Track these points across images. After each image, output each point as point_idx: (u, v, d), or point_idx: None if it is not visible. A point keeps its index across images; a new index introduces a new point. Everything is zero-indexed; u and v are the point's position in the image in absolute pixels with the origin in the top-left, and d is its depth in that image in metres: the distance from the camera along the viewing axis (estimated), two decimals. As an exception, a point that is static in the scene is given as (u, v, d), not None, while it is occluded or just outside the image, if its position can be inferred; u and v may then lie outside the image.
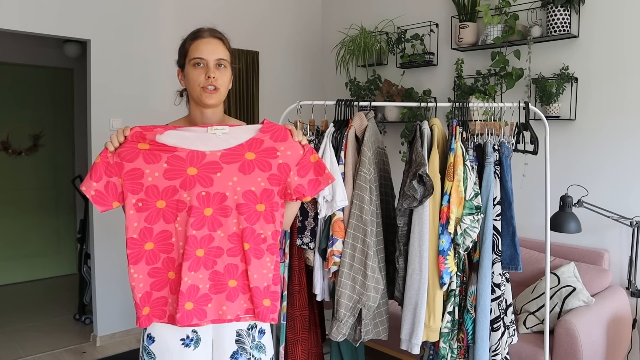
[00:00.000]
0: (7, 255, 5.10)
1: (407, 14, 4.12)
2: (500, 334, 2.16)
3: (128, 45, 3.73)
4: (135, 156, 1.42)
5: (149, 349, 1.50)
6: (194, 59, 1.54)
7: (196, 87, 1.55)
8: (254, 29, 4.35)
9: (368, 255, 2.07)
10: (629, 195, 3.02)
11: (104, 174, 1.40)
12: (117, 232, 3.77)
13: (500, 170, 2.14)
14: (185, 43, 1.59)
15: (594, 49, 3.13)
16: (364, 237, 2.08)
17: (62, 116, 5.36)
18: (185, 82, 1.60)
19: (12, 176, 5.08)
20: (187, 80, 1.57)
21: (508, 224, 2.13)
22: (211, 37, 1.56)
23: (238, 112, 4.31)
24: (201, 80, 1.53)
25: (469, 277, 2.18)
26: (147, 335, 1.51)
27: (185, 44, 1.59)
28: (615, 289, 2.91)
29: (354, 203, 2.10)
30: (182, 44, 1.60)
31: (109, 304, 3.74)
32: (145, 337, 1.51)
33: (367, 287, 2.07)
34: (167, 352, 1.49)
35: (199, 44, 1.55)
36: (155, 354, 1.49)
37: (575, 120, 3.22)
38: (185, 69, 1.58)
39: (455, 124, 2.12)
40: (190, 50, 1.56)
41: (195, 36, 1.57)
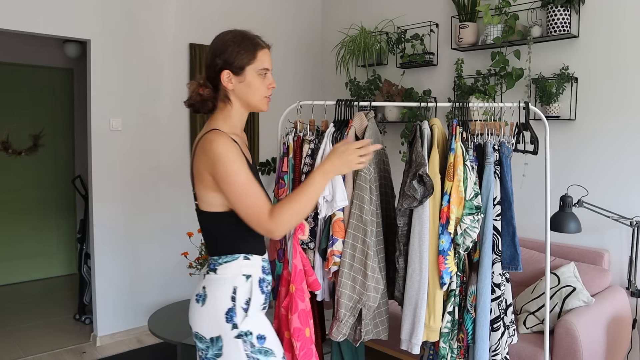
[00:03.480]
0: (7, 255, 5.10)
1: (407, 14, 4.12)
2: (500, 334, 2.16)
3: (128, 45, 3.73)
4: None
5: (265, 348, 1.55)
6: (263, 69, 1.59)
7: (259, 95, 1.60)
8: (254, 29, 4.34)
9: (368, 255, 2.07)
10: (629, 195, 3.02)
11: None
12: (117, 232, 3.77)
13: (500, 170, 2.14)
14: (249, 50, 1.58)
15: (594, 49, 3.13)
16: (364, 237, 2.08)
17: (62, 116, 5.36)
18: (243, 89, 1.59)
19: (12, 176, 5.08)
20: (250, 88, 1.58)
21: (508, 224, 2.13)
22: (268, 48, 1.63)
23: (238, 112, 4.31)
24: (265, 90, 1.60)
25: (469, 277, 2.18)
26: (258, 337, 1.54)
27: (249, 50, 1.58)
28: (615, 289, 2.91)
29: (354, 203, 2.10)
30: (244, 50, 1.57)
31: (109, 304, 3.74)
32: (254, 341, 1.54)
33: (367, 287, 2.07)
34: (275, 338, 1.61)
35: (265, 55, 1.60)
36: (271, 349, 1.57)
37: (575, 120, 3.22)
38: (246, 76, 1.57)
39: (455, 124, 2.11)
40: (259, 60, 1.58)
41: (260, 45, 1.61)
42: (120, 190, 3.77)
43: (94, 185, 3.65)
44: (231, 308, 1.53)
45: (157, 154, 3.95)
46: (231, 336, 1.52)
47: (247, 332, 1.53)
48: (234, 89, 1.58)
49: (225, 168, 1.46)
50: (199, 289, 1.59)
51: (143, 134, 3.86)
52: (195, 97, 1.61)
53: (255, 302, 1.57)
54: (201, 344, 1.57)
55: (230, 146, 1.48)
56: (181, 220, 4.09)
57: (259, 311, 1.60)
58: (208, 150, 1.48)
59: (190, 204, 4.13)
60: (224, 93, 1.60)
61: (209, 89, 1.60)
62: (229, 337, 1.53)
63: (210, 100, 1.61)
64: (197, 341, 1.59)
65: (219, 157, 1.46)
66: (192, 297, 1.61)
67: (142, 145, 3.87)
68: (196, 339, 1.59)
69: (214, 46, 1.60)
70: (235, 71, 1.56)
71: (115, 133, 3.72)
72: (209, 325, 1.54)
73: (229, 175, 1.46)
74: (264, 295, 1.61)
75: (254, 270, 1.60)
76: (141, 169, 3.87)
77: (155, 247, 3.97)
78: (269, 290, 1.66)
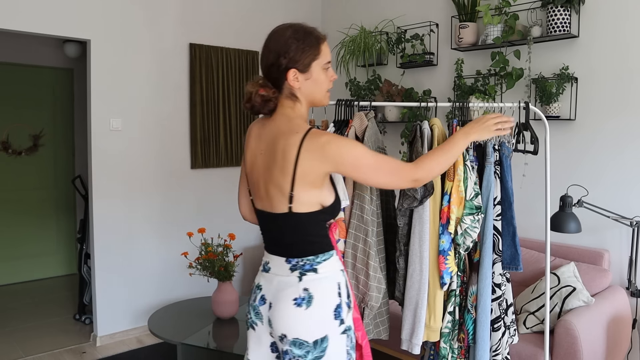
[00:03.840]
0: (7, 255, 5.10)
1: (407, 14, 4.12)
2: (500, 334, 2.16)
3: (128, 45, 3.73)
4: None
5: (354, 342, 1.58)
6: (327, 63, 1.56)
7: (324, 89, 1.59)
8: (254, 29, 4.36)
9: (370, 255, 2.07)
10: (629, 195, 3.02)
11: None
12: (117, 232, 3.77)
13: (501, 170, 2.14)
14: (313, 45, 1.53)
15: (594, 49, 3.13)
16: (365, 237, 2.08)
17: (62, 116, 5.36)
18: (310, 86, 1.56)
19: (12, 176, 5.08)
20: (316, 84, 1.56)
21: (508, 224, 2.13)
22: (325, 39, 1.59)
23: (238, 113, 4.32)
24: (328, 83, 1.59)
25: (469, 277, 2.18)
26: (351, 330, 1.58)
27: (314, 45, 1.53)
28: (615, 289, 2.91)
29: (354, 203, 2.10)
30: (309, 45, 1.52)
31: (109, 304, 3.74)
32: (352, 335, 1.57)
33: (369, 287, 2.07)
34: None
35: (326, 47, 1.57)
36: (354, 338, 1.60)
37: (575, 120, 3.23)
38: (312, 72, 1.54)
39: (455, 123, 2.12)
40: (323, 54, 1.54)
41: (322, 37, 1.56)
42: (120, 190, 3.77)
43: (94, 185, 3.65)
44: (339, 304, 1.52)
45: (157, 154, 3.95)
46: (338, 333, 1.51)
47: (349, 326, 1.55)
48: (301, 87, 1.54)
49: (352, 155, 1.48)
50: (296, 293, 1.51)
51: (143, 134, 3.86)
52: (256, 98, 1.55)
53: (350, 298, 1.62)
54: (299, 350, 1.49)
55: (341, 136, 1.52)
56: (181, 220, 4.09)
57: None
58: (327, 150, 1.46)
59: (190, 204, 4.14)
60: (290, 91, 1.55)
61: (271, 89, 1.56)
62: (335, 334, 1.50)
63: (272, 100, 1.56)
64: (294, 348, 1.49)
65: (336, 148, 1.46)
66: (287, 303, 1.51)
67: (142, 145, 3.87)
68: (292, 346, 1.49)
69: (274, 46, 1.52)
70: (301, 69, 1.52)
71: (115, 133, 3.72)
72: (315, 327, 1.49)
73: (358, 159, 1.49)
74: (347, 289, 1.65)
75: (341, 265, 1.64)
76: (141, 169, 3.87)
77: (155, 247, 3.97)
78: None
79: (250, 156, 1.64)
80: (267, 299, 1.57)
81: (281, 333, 1.51)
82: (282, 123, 1.55)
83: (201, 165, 4.15)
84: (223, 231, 4.09)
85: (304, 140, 1.48)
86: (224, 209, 4.33)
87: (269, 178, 1.53)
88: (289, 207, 1.51)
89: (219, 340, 2.93)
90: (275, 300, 1.54)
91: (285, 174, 1.49)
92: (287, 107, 1.57)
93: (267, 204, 1.57)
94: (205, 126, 4.13)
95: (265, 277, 1.60)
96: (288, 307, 1.51)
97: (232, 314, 3.08)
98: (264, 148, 1.57)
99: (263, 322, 1.58)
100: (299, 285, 1.52)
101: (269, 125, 1.58)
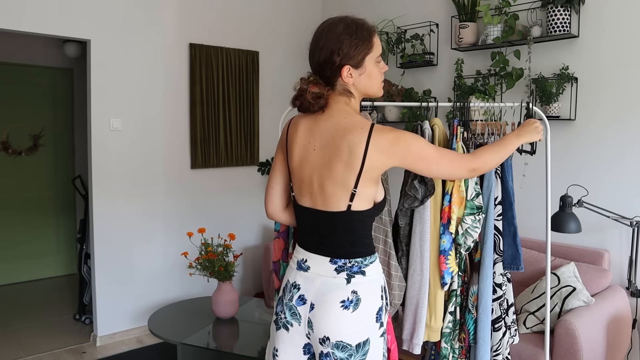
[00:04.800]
0: (7, 255, 5.10)
1: (407, 14, 4.12)
2: (501, 334, 2.16)
3: (128, 45, 3.73)
4: None
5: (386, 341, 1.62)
6: (379, 56, 1.57)
7: (378, 82, 1.59)
8: (254, 29, 4.35)
9: (390, 255, 2.07)
10: (629, 195, 3.02)
11: None
12: (117, 232, 3.77)
13: (501, 170, 2.14)
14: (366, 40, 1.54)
15: (594, 49, 3.14)
16: (385, 238, 2.08)
17: (62, 116, 5.35)
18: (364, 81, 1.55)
19: (12, 176, 5.08)
20: (369, 78, 1.56)
21: (509, 224, 2.13)
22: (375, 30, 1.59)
23: (238, 112, 4.32)
24: (381, 75, 1.60)
25: (470, 277, 2.18)
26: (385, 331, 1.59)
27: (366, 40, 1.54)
28: (615, 289, 2.92)
29: (374, 204, 2.10)
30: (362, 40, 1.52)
31: (109, 304, 3.74)
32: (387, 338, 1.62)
33: (392, 286, 2.07)
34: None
35: (377, 39, 1.58)
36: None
37: (575, 120, 3.23)
38: (366, 67, 1.54)
39: (456, 123, 2.12)
40: (375, 47, 1.55)
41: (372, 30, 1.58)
42: (120, 190, 3.77)
43: (94, 185, 3.65)
44: (381, 307, 1.52)
45: (157, 154, 3.95)
46: (378, 335, 1.50)
47: (385, 330, 1.55)
48: (355, 82, 1.53)
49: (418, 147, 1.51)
50: (344, 295, 1.48)
51: (143, 134, 3.86)
52: (308, 95, 1.52)
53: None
54: (342, 353, 1.47)
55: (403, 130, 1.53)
56: (181, 220, 4.09)
57: None
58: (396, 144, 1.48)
59: (189, 204, 4.14)
60: (343, 87, 1.54)
61: (323, 86, 1.54)
62: (376, 337, 1.50)
63: (323, 97, 1.53)
64: (337, 351, 1.47)
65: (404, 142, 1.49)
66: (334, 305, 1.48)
67: (142, 145, 3.86)
68: (335, 349, 1.47)
69: (326, 42, 1.52)
70: (355, 64, 1.51)
71: (115, 133, 3.72)
72: (359, 330, 1.48)
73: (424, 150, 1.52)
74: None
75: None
76: (141, 169, 3.87)
77: (155, 247, 3.97)
78: None
79: (299, 151, 1.57)
80: (307, 299, 1.52)
81: (324, 335, 1.48)
82: (341, 119, 1.51)
83: (201, 165, 4.15)
84: (223, 231, 4.09)
85: (372, 136, 1.47)
86: (224, 209, 4.33)
87: (328, 174, 1.49)
88: (348, 205, 1.49)
89: (219, 340, 2.93)
90: (319, 302, 1.50)
91: (351, 169, 1.46)
92: (342, 102, 1.55)
93: (320, 201, 1.53)
94: (205, 126, 4.13)
95: (305, 277, 1.55)
96: (334, 310, 1.48)
97: (232, 314, 3.08)
98: (321, 143, 1.52)
99: (300, 323, 1.54)
100: (347, 287, 1.49)
101: (323, 121, 1.54)
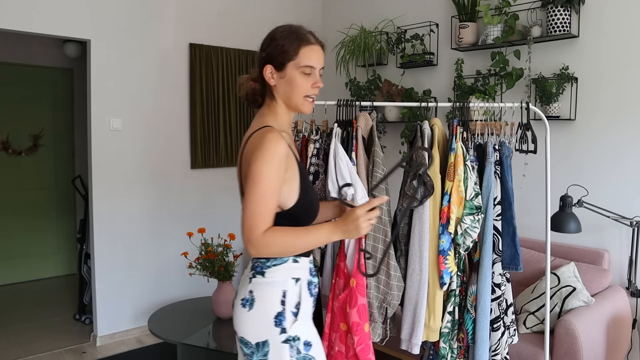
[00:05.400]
0: (7, 255, 5.10)
1: (407, 14, 4.12)
2: (500, 334, 2.16)
3: (128, 45, 3.73)
4: None
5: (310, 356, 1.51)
6: (306, 67, 1.51)
7: (300, 95, 1.53)
8: (254, 29, 4.35)
9: (389, 254, 2.07)
10: (629, 195, 3.02)
11: None
12: (117, 232, 3.77)
13: (501, 170, 2.14)
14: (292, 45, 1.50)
15: (594, 49, 3.13)
16: (384, 238, 2.08)
17: (62, 116, 5.36)
18: (284, 86, 1.53)
19: (12, 176, 5.08)
20: (291, 86, 1.52)
21: (508, 224, 2.13)
22: (319, 45, 1.54)
23: (238, 112, 4.32)
24: (307, 89, 1.53)
25: (469, 277, 2.18)
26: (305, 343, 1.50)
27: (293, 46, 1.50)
28: (615, 289, 2.91)
29: (373, 204, 2.10)
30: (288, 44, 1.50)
31: (109, 304, 3.74)
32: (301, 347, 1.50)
33: (391, 286, 2.07)
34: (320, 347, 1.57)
35: (311, 52, 1.51)
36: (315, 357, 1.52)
37: (575, 120, 3.23)
38: (287, 72, 1.51)
39: (455, 123, 2.12)
40: (301, 56, 1.50)
41: (306, 41, 1.52)
42: (120, 190, 3.77)
43: (94, 185, 3.65)
44: (281, 312, 1.49)
45: (157, 154, 3.95)
46: (279, 341, 1.49)
47: (295, 337, 1.50)
48: (276, 85, 1.54)
49: (260, 167, 1.40)
50: (244, 293, 1.54)
51: (143, 134, 3.86)
52: (248, 90, 1.58)
53: (305, 306, 1.55)
54: (246, 349, 1.53)
55: (279, 149, 1.42)
56: (181, 220, 4.09)
57: (308, 316, 1.57)
58: (259, 146, 1.43)
59: (190, 204, 4.14)
60: (269, 89, 1.56)
61: (258, 83, 1.57)
62: (276, 342, 1.49)
63: (259, 94, 1.58)
64: (242, 346, 1.54)
65: (263, 155, 1.41)
66: (237, 302, 1.56)
67: (142, 145, 3.87)
68: (241, 344, 1.54)
69: (264, 39, 1.56)
70: (276, 66, 1.52)
71: (115, 133, 3.72)
72: (256, 330, 1.50)
73: (259, 176, 1.41)
74: (312, 298, 1.59)
75: (303, 273, 1.57)
76: (141, 169, 3.87)
77: (155, 247, 3.97)
78: (316, 293, 1.64)
79: None
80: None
81: (234, 329, 1.56)
82: (254, 120, 1.58)
83: (201, 165, 4.15)
84: (223, 231, 4.09)
85: (248, 141, 1.49)
86: (224, 209, 4.33)
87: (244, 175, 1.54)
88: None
89: (219, 340, 2.93)
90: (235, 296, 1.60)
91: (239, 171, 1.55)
92: (266, 105, 1.59)
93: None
94: (205, 126, 4.13)
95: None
96: (237, 306, 1.55)
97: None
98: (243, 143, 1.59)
99: None
100: (248, 286, 1.54)
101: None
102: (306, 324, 1.54)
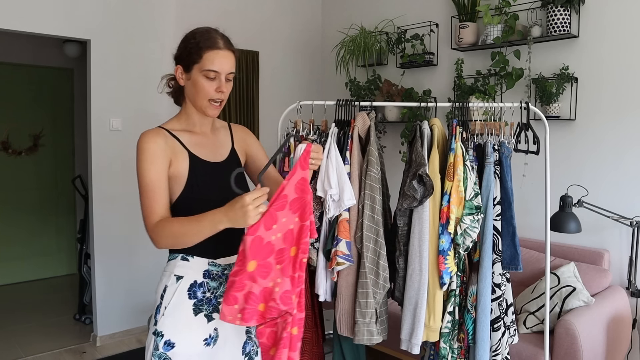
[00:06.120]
0: (8, 255, 5.10)
1: (407, 14, 4.12)
2: (500, 334, 2.16)
3: (128, 45, 3.73)
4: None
5: (166, 356, 1.48)
6: (208, 71, 1.50)
7: (204, 98, 1.54)
8: (254, 29, 4.35)
9: (380, 254, 2.07)
10: (629, 195, 3.02)
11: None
12: (117, 232, 3.77)
13: (500, 170, 2.14)
14: (198, 47, 1.51)
15: (594, 49, 3.13)
16: (376, 237, 2.08)
17: (62, 116, 5.36)
18: (190, 88, 1.55)
19: (12, 176, 5.08)
20: (195, 88, 1.53)
21: (508, 224, 2.14)
22: (227, 50, 1.53)
23: (238, 112, 4.31)
24: (211, 93, 1.52)
25: (469, 277, 2.18)
26: (166, 342, 1.48)
27: (197, 48, 1.50)
28: (615, 289, 2.91)
29: (365, 203, 2.10)
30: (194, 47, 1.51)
31: (109, 304, 3.74)
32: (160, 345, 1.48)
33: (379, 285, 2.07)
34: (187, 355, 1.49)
35: (216, 57, 1.50)
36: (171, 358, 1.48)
37: (575, 120, 3.22)
38: (192, 74, 1.53)
39: (455, 124, 2.12)
40: (205, 60, 1.49)
41: (211, 45, 1.50)
42: (120, 190, 3.76)
43: (94, 185, 3.65)
44: (159, 304, 1.53)
45: (157, 154, 3.94)
46: (151, 330, 1.53)
47: (159, 332, 1.49)
48: (185, 85, 1.57)
49: (137, 165, 1.50)
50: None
51: (143, 134, 3.86)
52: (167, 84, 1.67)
53: (180, 306, 1.51)
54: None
55: (148, 145, 1.49)
56: (181, 220, 4.08)
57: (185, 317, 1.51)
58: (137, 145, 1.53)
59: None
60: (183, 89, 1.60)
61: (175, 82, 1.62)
62: (150, 329, 1.54)
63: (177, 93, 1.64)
64: None
65: (137, 154, 1.50)
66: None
67: (142, 145, 3.86)
68: None
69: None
70: (184, 68, 1.55)
71: (115, 133, 3.72)
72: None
73: (138, 173, 1.50)
74: (192, 300, 1.51)
75: (190, 272, 1.53)
76: (141, 169, 3.87)
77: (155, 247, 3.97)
78: (207, 297, 1.53)
79: None
80: None
81: None
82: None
83: (201, 165, 4.14)
84: (223, 231, 4.08)
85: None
86: (224, 209, 4.32)
87: None
88: None
89: (219, 340, 2.92)
90: None
91: None
92: (183, 103, 1.63)
93: None
94: (205, 126, 4.13)
95: None
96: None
97: (232, 314, 3.07)
98: None
99: None
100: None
101: None
102: (176, 324, 1.50)
